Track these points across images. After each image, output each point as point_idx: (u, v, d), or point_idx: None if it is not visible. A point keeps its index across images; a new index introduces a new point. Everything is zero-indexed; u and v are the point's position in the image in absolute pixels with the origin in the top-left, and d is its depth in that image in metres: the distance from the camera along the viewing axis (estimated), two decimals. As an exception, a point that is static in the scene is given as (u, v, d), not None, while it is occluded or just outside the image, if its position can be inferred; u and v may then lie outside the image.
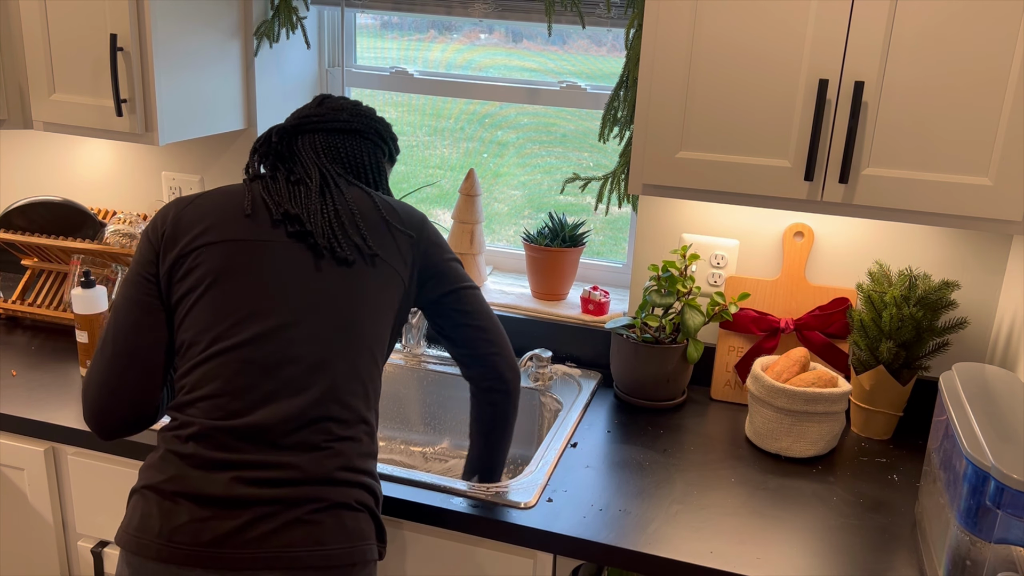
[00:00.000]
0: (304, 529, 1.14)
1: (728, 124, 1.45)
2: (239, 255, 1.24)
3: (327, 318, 1.23)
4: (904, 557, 1.30)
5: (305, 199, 1.29)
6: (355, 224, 1.29)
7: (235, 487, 1.13)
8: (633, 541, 1.31)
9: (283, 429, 1.16)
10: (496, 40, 2.15)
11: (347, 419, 1.21)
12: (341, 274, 1.25)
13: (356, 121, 1.41)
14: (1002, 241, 1.67)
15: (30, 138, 2.28)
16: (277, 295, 1.22)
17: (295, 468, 1.15)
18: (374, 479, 1.25)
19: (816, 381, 1.57)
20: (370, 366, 1.26)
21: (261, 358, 1.19)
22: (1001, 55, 1.30)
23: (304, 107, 1.44)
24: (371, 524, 1.22)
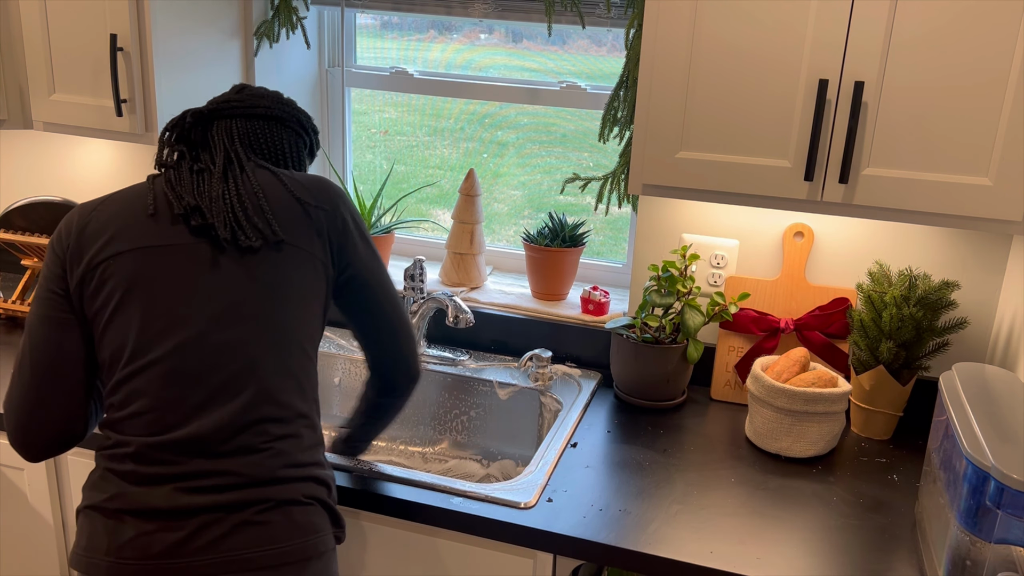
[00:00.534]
0: (254, 530, 1.13)
1: (728, 124, 1.45)
2: (148, 263, 1.19)
3: (249, 317, 1.19)
4: (904, 557, 1.30)
5: (207, 186, 1.24)
6: (259, 207, 1.23)
7: (178, 497, 1.12)
8: (633, 541, 1.31)
9: (219, 437, 1.14)
10: (496, 40, 2.15)
11: (283, 417, 1.19)
12: (254, 267, 1.21)
13: (278, 108, 1.36)
14: (1002, 241, 1.67)
15: (30, 138, 2.28)
16: (193, 301, 1.18)
17: (236, 474, 1.14)
18: (323, 468, 1.24)
19: (816, 381, 1.57)
20: (301, 359, 1.23)
21: (187, 368, 1.15)
22: (1001, 55, 1.30)
23: (223, 94, 1.38)
24: (324, 515, 1.21)
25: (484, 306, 2.00)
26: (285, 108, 1.37)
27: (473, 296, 2.02)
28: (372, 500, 1.41)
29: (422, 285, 1.92)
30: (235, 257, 1.20)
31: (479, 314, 1.98)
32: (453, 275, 2.07)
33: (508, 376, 1.88)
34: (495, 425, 1.89)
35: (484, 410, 1.90)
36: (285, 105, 1.38)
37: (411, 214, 2.29)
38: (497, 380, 1.87)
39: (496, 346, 2.00)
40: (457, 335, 2.02)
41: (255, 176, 1.27)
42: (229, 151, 1.29)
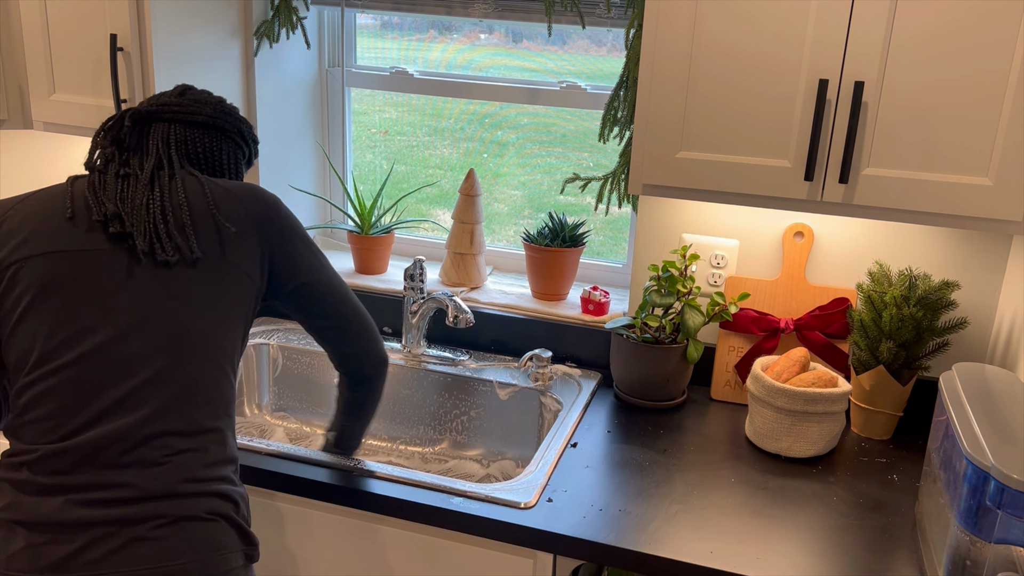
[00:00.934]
0: (147, 547, 1.09)
1: (728, 124, 1.45)
2: (62, 268, 1.16)
3: (159, 329, 1.16)
4: (904, 557, 1.30)
5: (131, 193, 1.20)
6: (181, 221, 1.20)
7: (69, 510, 1.09)
8: (633, 541, 1.31)
9: (118, 448, 1.11)
10: (496, 40, 2.15)
11: (188, 431, 1.15)
12: (169, 280, 1.18)
13: (220, 118, 1.33)
14: (1002, 241, 1.67)
15: (30, 138, 2.28)
16: (103, 310, 1.15)
17: (132, 487, 1.10)
18: (230, 484, 1.19)
19: (816, 381, 1.57)
20: (214, 374, 1.20)
21: (91, 376, 1.13)
22: (1001, 55, 1.30)
23: (163, 94, 1.35)
24: (231, 532, 1.17)
25: (484, 306, 2.00)
26: (227, 118, 1.35)
27: (473, 296, 2.02)
28: (372, 500, 1.41)
29: (422, 285, 1.92)
30: (150, 268, 1.18)
31: (479, 314, 1.98)
32: (453, 275, 2.07)
33: (508, 376, 1.88)
34: (495, 425, 1.89)
35: (484, 410, 1.90)
36: (227, 115, 1.35)
37: (411, 214, 2.29)
38: (497, 380, 1.87)
39: (496, 346, 2.00)
40: (457, 335, 2.02)
41: (184, 186, 1.24)
42: (162, 156, 1.26)
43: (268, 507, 1.51)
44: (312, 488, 1.45)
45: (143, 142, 1.28)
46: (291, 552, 1.52)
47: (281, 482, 1.46)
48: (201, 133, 1.32)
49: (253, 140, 1.41)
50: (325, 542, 1.50)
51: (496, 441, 1.90)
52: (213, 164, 1.33)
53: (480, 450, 1.92)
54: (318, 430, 2.01)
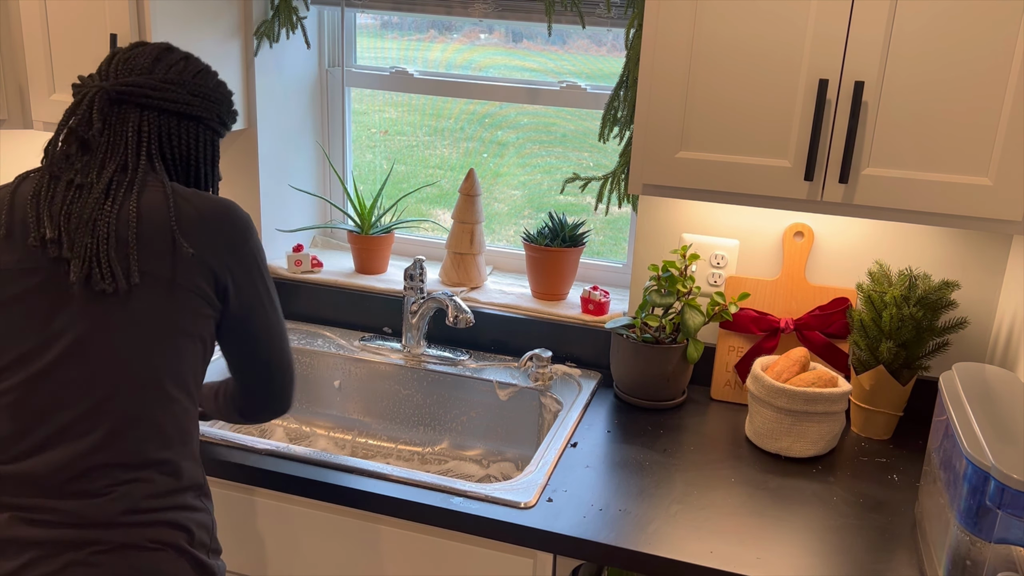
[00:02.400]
0: (84, 572, 1.06)
1: (728, 124, 1.45)
2: (7, 285, 1.12)
3: (100, 358, 1.10)
4: (904, 557, 1.30)
5: (79, 209, 1.12)
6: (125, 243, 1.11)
7: (13, 527, 1.07)
8: (633, 541, 1.31)
9: (62, 477, 1.08)
10: (496, 40, 2.15)
11: (132, 463, 1.11)
12: (113, 304, 1.11)
13: (199, 105, 1.23)
14: (1002, 241, 1.67)
15: (30, 138, 2.28)
16: (45, 334, 1.10)
17: (73, 514, 1.08)
18: (186, 511, 1.15)
19: (816, 381, 1.57)
20: (162, 402, 1.14)
21: (32, 404, 1.09)
22: (1001, 55, 1.30)
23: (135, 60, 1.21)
24: (180, 561, 1.12)
25: (484, 306, 2.00)
26: (206, 105, 1.24)
27: (473, 296, 2.02)
28: (372, 500, 1.41)
29: (422, 285, 1.92)
30: (89, 292, 1.11)
31: (479, 314, 1.98)
32: (453, 275, 2.07)
33: (508, 376, 1.88)
34: (495, 425, 1.89)
35: (484, 410, 1.90)
36: (206, 100, 1.25)
37: (411, 214, 2.29)
38: (497, 380, 1.87)
39: (496, 346, 2.00)
40: (457, 335, 2.02)
41: (141, 197, 1.15)
42: (129, 158, 1.17)
43: (268, 507, 1.51)
44: (312, 488, 1.45)
45: (110, 133, 1.18)
46: (291, 552, 1.52)
47: (281, 482, 1.46)
48: (176, 123, 1.22)
49: (231, 117, 1.32)
50: (325, 542, 1.50)
51: (496, 441, 1.90)
52: (188, 158, 1.24)
53: (480, 450, 1.92)
54: (318, 430, 2.01)
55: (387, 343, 2.01)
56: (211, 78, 1.28)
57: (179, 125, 1.22)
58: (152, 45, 1.25)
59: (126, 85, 1.18)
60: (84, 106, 1.18)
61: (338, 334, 2.06)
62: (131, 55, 1.22)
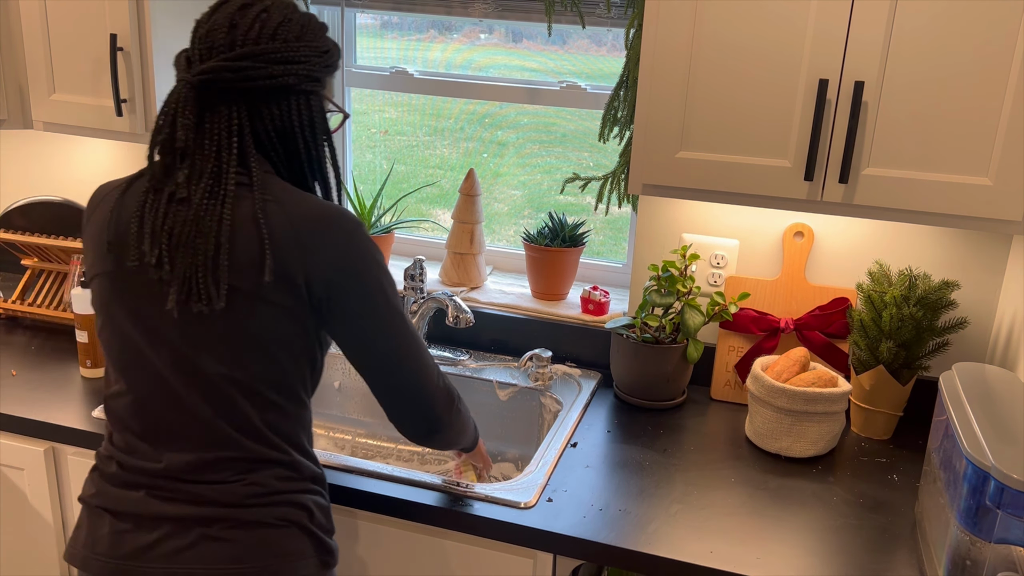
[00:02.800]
0: (217, 546, 1.12)
1: (728, 124, 1.45)
2: (119, 290, 1.14)
3: (204, 365, 1.12)
4: (904, 557, 1.30)
5: (179, 227, 1.09)
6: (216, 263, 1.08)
7: (149, 503, 1.14)
8: (633, 541, 1.31)
9: (189, 473, 1.14)
10: (496, 40, 2.15)
11: (252, 459, 1.16)
12: (212, 318, 1.10)
13: (280, 73, 1.10)
14: (1002, 241, 1.67)
15: (30, 138, 2.28)
16: (157, 339, 1.13)
17: (203, 496, 1.14)
18: (306, 493, 1.19)
19: (816, 381, 1.57)
20: (270, 408, 1.15)
21: (151, 404, 1.15)
22: (1001, 55, 1.30)
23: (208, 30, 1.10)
24: (303, 540, 1.17)
25: (484, 306, 2.00)
26: (290, 69, 1.11)
27: (473, 296, 2.02)
28: (372, 500, 1.41)
29: (422, 285, 1.92)
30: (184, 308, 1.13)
31: (479, 314, 1.98)
32: (453, 275, 2.07)
33: (508, 376, 1.88)
34: (495, 425, 1.89)
35: (484, 410, 1.89)
36: (288, 62, 1.11)
37: (411, 214, 2.29)
38: (497, 380, 1.87)
39: (496, 346, 2.00)
40: (457, 335, 2.02)
41: (235, 210, 1.09)
42: (220, 164, 1.10)
43: (268, 507, 1.51)
44: (312, 488, 1.45)
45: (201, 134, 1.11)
46: (291, 552, 1.52)
47: (281, 482, 1.46)
48: (264, 101, 1.11)
49: (330, 66, 1.17)
50: (325, 542, 1.49)
51: (496, 441, 1.90)
52: (285, 133, 1.14)
53: (480, 450, 1.92)
54: (318, 430, 2.01)
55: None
56: (293, 29, 1.12)
57: (268, 105, 1.12)
58: (230, 3, 1.12)
59: (205, 73, 1.08)
60: (170, 113, 1.11)
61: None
62: (209, 26, 1.10)
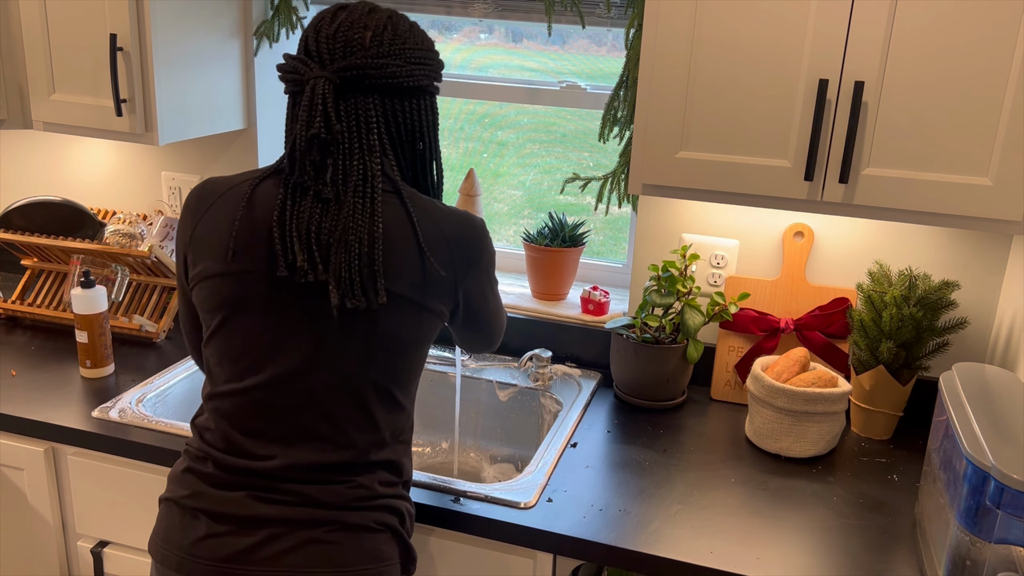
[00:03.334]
0: (319, 549, 1.12)
1: (728, 124, 1.45)
2: (246, 289, 1.14)
3: (339, 366, 1.14)
4: (904, 557, 1.30)
5: (329, 227, 1.10)
6: (372, 261, 1.10)
7: (250, 504, 1.13)
8: (633, 541, 1.31)
9: (297, 475, 1.14)
10: (496, 40, 2.15)
11: (363, 462, 1.17)
12: (359, 319, 1.13)
13: (419, 73, 1.14)
14: (1002, 241, 1.67)
15: (30, 138, 2.28)
16: (286, 337, 1.14)
17: (308, 497, 1.14)
18: (401, 499, 1.21)
19: (816, 381, 1.57)
20: (391, 407, 1.19)
21: (273, 404, 1.14)
22: (1001, 55, 1.30)
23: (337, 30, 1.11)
24: (394, 545, 1.19)
25: (484, 306, 2.00)
26: (424, 71, 1.16)
27: (473, 296, 2.02)
28: (372, 500, 1.41)
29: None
30: (340, 308, 1.13)
31: (479, 314, 1.98)
32: (453, 275, 2.06)
33: (508, 376, 1.88)
34: (495, 425, 1.89)
35: (484, 410, 1.90)
36: (422, 63, 1.16)
37: (411, 214, 2.28)
38: (497, 380, 1.87)
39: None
40: (457, 335, 2.02)
41: (386, 213, 1.12)
42: (366, 164, 1.11)
43: (268, 507, 1.51)
44: (312, 488, 1.45)
45: (343, 130, 1.11)
46: (291, 552, 1.52)
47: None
48: (400, 99, 1.15)
49: (442, 69, 1.23)
50: (325, 542, 1.49)
51: (496, 441, 1.90)
52: (414, 132, 1.18)
53: (480, 450, 1.92)
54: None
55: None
56: (418, 34, 1.18)
57: (403, 102, 1.15)
58: (356, 10, 1.15)
59: (347, 70, 1.10)
60: (319, 105, 1.10)
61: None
62: (338, 29, 1.12)
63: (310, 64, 1.12)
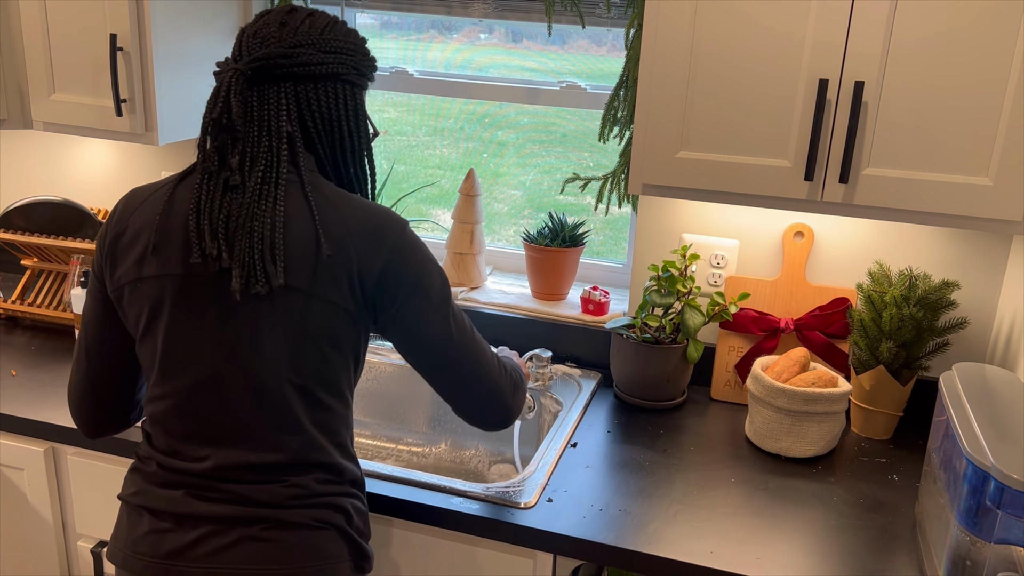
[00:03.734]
0: (257, 547, 1.12)
1: (728, 124, 1.45)
2: (169, 291, 1.13)
3: (256, 364, 1.12)
4: (904, 557, 1.30)
5: (236, 213, 1.10)
6: (274, 246, 1.09)
7: (189, 503, 1.14)
8: (633, 541, 1.31)
9: (231, 474, 1.14)
10: (496, 40, 2.15)
11: (296, 463, 1.16)
12: (263, 309, 1.11)
13: (332, 61, 1.15)
14: (1002, 241, 1.67)
15: (30, 138, 2.28)
16: (208, 338, 1.12)
17: (244, 496, 1.14)
18: (346, 496, 1.20)
19: (816, 381, 1.57)
20: (317, 408, 1.16)
21: (198, 407, 1.14)
22: (1001, 55, 1.30)
23: (256, 29, 1.15)
24: (340, 543, 1.18)
25: (484, 306, 2.00)
26: (339, 59, 1.16)
27: (473, 296, 2.02)
28: (372, 500, 1.41)
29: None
30: (243, 300, 1.12)
31: (479, 314, 1.98)
32: (453, 275, 2.07)
33: (508, 376, 1.88)
34: (495, 425, 1.89)
35: (484, 410, 1.89)
36: (337, 52, 1.16)
37: (411, 214, 2.29)
38: (497, 380, 1.87)
39: (496, 346, 2.00)
40: (457, 335, 2.02)
41: (289, 201, 1.12)
42: (272, 152, 1.12)
43: (268, 507, 1.51)
44: (312, 488, 1.45)
45: (251, 119, 1.12)
46: (291, 552, 1.52)
47: (281, 482, 1.46)
48: (313, 87, 1.15)
49: (371, 68, 1.22)
50: (325, 542, 1.49)
51: (496, 441, 1.90)
52: (331, 120, 1.17)
53: (480, 450, 1.92)
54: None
55: (387, 343, 2.01)
56: (340, 29, 1.19)
57: (316, 88, 1.15)
58: (276, 11, 1.18)
59: (257, 60, 1.13)
60: (223, 93, 1.12)
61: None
62: (257, 27, 1.16)
63: (229, 63, 1.16)
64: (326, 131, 1.18)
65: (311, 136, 1.17)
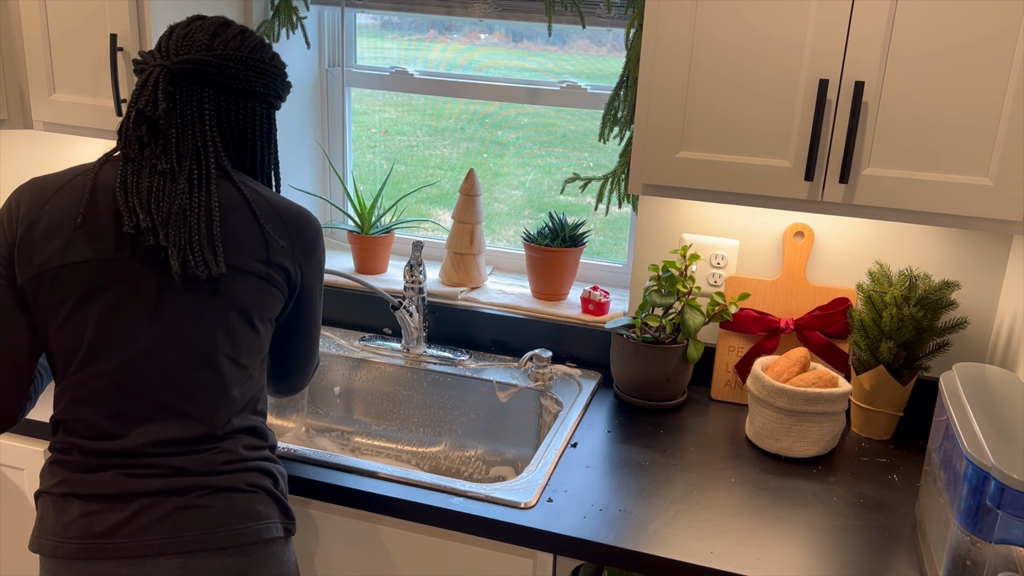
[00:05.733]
0: (193, 514, 1.16)
1: (728, 124, 1.45)
2: (101, 275, 1.15)
3: (191, 340, 1.17)
4: (904, 557, 1.30)
5: (167, 198, 1.15)
6: (212, 234, 1.16)
7: (120, 482, 1.15)
8: (633, 541, 1.31)
9: (162, 450, 1.17)
10: (496, 40, 2.15)
11: (226, 432, 1.21)
12: (201, 288, 1.17)
13: (256, 80, 1.23)
14: (1002, 241, 1.67)
15: (30, 138, 2.28)
16: (143, 316, 1.15)
17: (174, 467, 1.17)
18: (270, 461, 1.27)
19: (816, 381, 1.57)
20: (245, 378, 1.23)
21: (132, 383, 1.16)
22: (1001, 54, 1.30)
23: (188, 31, 1.22)
24: (270, 503, 1.23)
25: (484, 306, 2.00)
26: (263, 79, 1.25)
27: (473, 296, 2.02)
28: (372, 500, 1.41)
29: (421, 279, 1.92)
30: (180, 281, 1.17)
31: (479, 314, 1.98)
32: (453, 275, 2.07)
33: (508, 376, 1.88)
34: (495, 425, 1.89)
35: (484, 410, 1.90)
36: (262, 73, 1.25)
37: (411, 214, 2.29)
38: (497, 380, 1.87)
39: (496, 346, 2.00)
40: (457, 335, 2.02)
41: (221, 192, 1.20)
42: (199, 146, 1.19)
43: (268, 507, 1.51)
44: (313, 488, 1.45)
45: (176, 114, 1.18)
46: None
47: (281, 482, 1.46)
48: (235, 99, 1.23)
49: (286, 92, 1.32)
50: (326, 542, 1.50)
51: (496, 441, 1.90)
52: (245, 133, 1.25)
53: (480, 450, 1.92)
54: (318, 430, 2.01)
55: (387, 343, 2.01)
56: (267, 52, 1.27)
57: (237, 101, 1.24)
58: (209, 20, 1.25)
59: (187, 63, 1.19)
60: (149, 86, 1.18)
61: (338, 334, 2.06)
62: (189, 30, 1.22)
63: (156, 56, 1.22)
64: (239, 142, 1.26)
65: (226, 142, 1.25)
